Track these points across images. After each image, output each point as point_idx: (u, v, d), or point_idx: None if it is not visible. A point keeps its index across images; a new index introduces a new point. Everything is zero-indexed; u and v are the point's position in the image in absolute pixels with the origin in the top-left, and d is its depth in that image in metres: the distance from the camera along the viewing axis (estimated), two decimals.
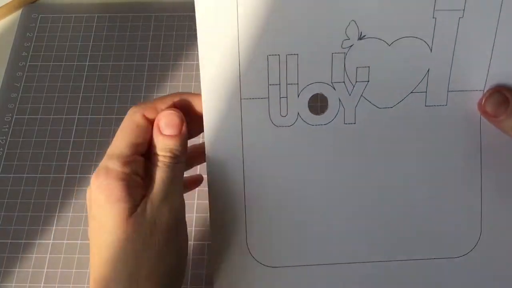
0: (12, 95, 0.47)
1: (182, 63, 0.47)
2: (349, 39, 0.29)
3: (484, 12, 0.29)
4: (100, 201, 0.28)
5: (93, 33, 0.50)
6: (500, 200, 0.32)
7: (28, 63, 0.48)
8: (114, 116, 0.45)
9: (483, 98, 0.31)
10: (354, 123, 0.31)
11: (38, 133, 0.45)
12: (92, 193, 0.28)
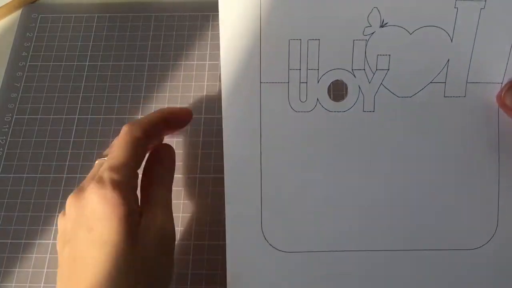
0: (12, 95, 0.47)
1: (182, 63, 0.47)
2: (371, 26, 0.29)
3: (505, 5, 0.29)
4: (103, 213, 0.27)
5: (93, 33, 0.50)
6: None
7: (28, 63, 0.48)
8: (114, 116, 0.45)
9: (503, 91, 0.30)
10: (373, 111, 0.31)
11: (38, 133, 0.45)
12: (90, 203, 0.28)
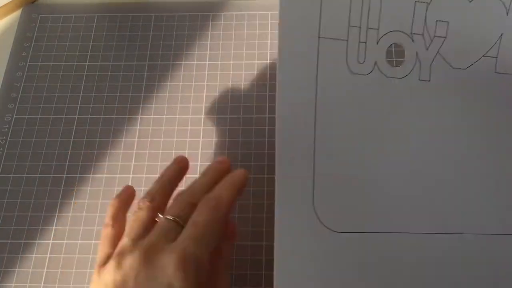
0: (12, 95, 0.47)
1: (182, 63, 0.47)
2: None
3: None
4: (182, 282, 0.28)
5: (93, 33, 0.50)
6: None
7: (28, 63, 0.48)
8: (114, 116, 0.45)
9: None
10: (429, 81, 0.30)
11: (38, 133, 0.45)
12: (169, 269, 0.28)
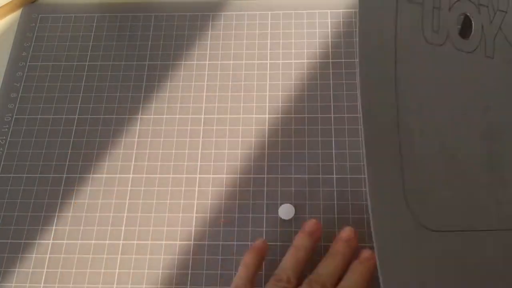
0: (12, 95, 0.47)
1: (182, 63, 0.47)
2: None
3: None
4: None
5: (93, 33, 0.50)
6: None
7: (28, 63, 0.48)
8: (114, 116, 0.45)
9: None
10: (493, 58, 0.29)
11: (38, 133, 0.45)
12: None
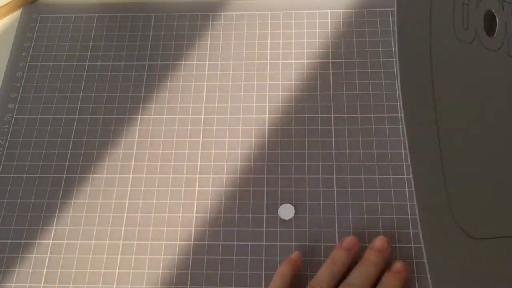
0: (12, 95, 0.47)
1: (182, 63, 0.47)
2: None
3: None
4: None
5: (93, 33, 0.50)
6: None
7: (28, 63, 0.48)
8: (114, 116, 0.45)
9: None
10: None
11: (38, 133, 0.45)
12: None
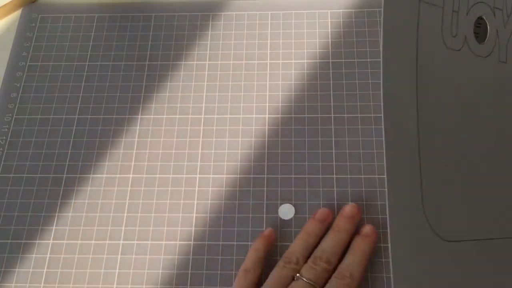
0: (12, 95, 0.47)
1: (182, 63, 0.47)
2: None
3: None
4: None
5: (93, 33, 0.50)
6: None
7: (28, 63, 0.48)
8: (114, 116, 0.45)
9: None
10: (505, 63, 0.29)
11: (38, 133, 0.45)
12: None
